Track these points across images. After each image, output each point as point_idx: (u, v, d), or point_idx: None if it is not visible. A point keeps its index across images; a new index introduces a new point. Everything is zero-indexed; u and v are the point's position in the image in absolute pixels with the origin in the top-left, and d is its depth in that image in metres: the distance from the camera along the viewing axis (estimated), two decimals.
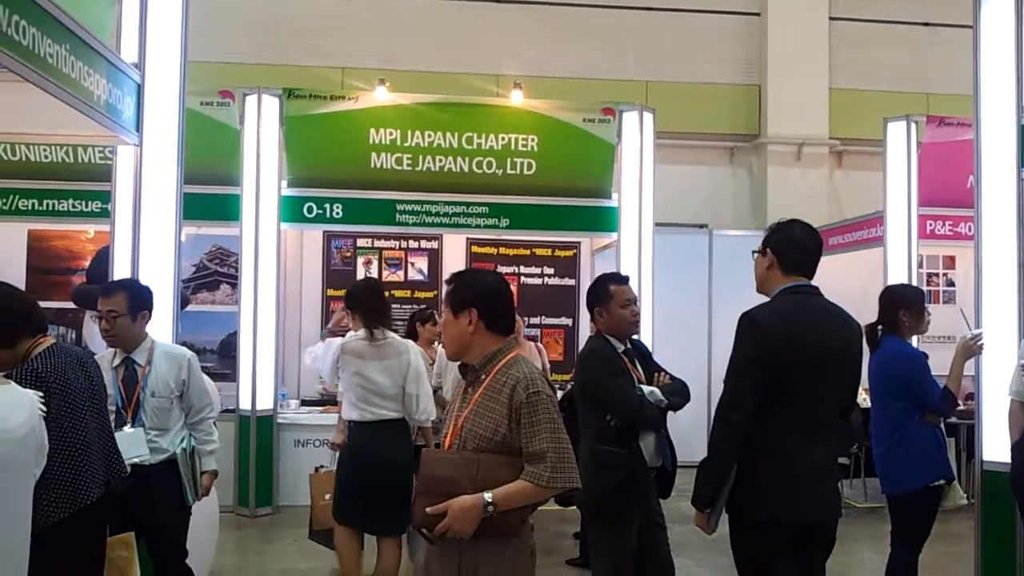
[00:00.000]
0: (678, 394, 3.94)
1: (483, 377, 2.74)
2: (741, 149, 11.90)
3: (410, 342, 5.11)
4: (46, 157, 7.57)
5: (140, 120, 4.21)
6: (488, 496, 2.57)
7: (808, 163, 11.60)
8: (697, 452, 3.88)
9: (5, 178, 7.56)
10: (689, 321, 9.33)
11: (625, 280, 4.08)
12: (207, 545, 5.12)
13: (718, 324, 9.53)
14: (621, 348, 3.96)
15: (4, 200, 7.61)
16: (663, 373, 4.03)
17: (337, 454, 5.01)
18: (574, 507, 6.21)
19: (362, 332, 4.72)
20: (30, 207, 7.65)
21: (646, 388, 3.86)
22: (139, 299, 3.78)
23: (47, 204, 7.64)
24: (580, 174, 8.03)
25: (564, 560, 6.07)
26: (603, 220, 8.03)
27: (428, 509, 2.58)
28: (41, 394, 2.54)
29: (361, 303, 4.79)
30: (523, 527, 2.70)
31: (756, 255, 3.40)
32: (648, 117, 7.93)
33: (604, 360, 3.87)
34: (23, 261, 8.51)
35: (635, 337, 4.17)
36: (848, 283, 7.40)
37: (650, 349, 4.29)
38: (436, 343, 6.51)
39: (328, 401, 8.05)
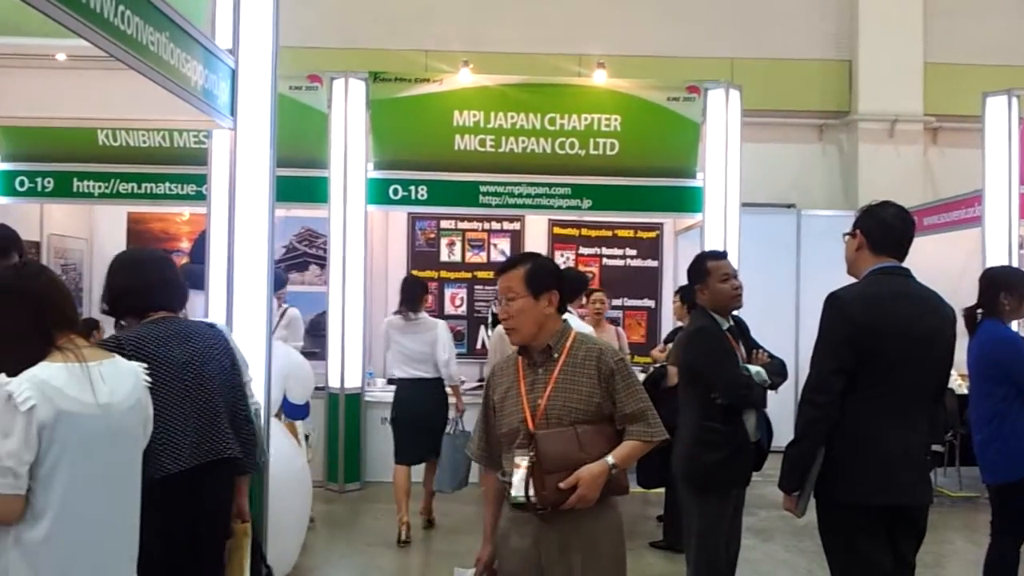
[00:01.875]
0: (779, 374, 4.02)
1: (556, 356, 2.89)
2: (831, 126, 11.58)
3: (438, 320, 6.42)
4: (144, 142, 7.84)
5: (234, 105, 4.32)
6: (611, 459, 2.81)
7: (901, 140, 11.21)
8: (783, 435, 3.85)
9: (107, 163, 7.86)
10: (776, 303, 9.15)
11: (723, 255, 4.11)
12: (300, 519, 5.29)
13: (806, 306, 9.33)
14: (725, 325, 3.99)
15: (106, 184, 7.91)
16: (761, 351, 4.07)
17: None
18: (656, 490, 6.25)
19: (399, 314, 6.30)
20: (130, 190, 7.93)
21: (752, 368, 3.92)
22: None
23: (145, 187, 7.92)
24: (664, 154, 7.93)
25: (647, 543, 6.07)
26: (688, 200, 7.93)
27: (561, 485, 2.76)
28: (146, 366, 2.62)
29: (401, 293, 6.39)
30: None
31: (847, 237, 3.36)
32: (734, 94, 7.78)
33: (712, 339, 3.91)
34: (123, 243, 8.87)
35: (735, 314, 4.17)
36: (944, 265, 7.15)
37: None
38: None
39: None
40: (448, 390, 6.29)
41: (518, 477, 2.82)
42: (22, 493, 2.23)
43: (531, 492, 2.79)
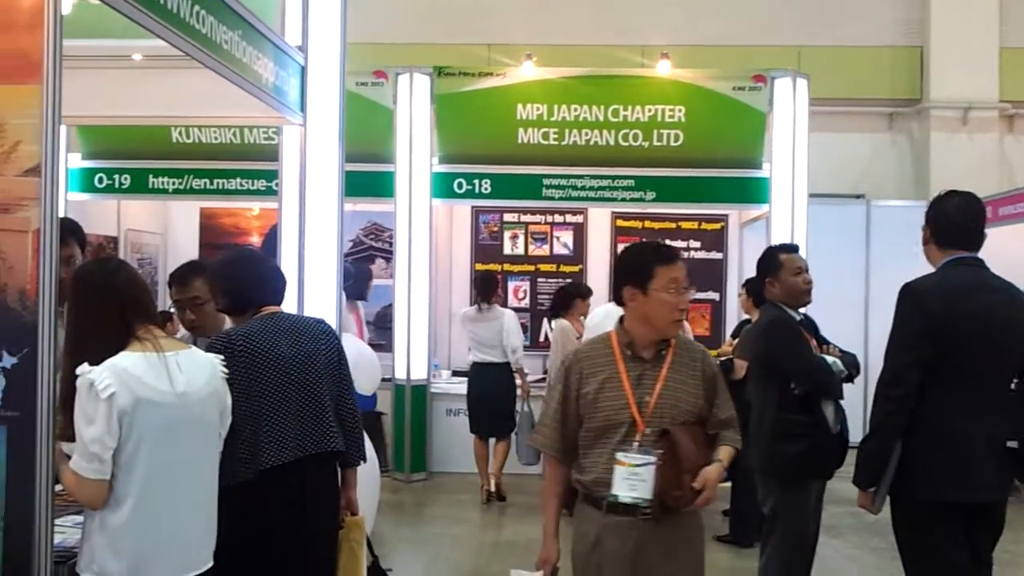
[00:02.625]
0: (853, 367, 3.96)
1: (664, 353, 2.81)
2: (901, 115, 11.29)
3: (506, 310, 7.14)
4: (216, 139, 8.04)
5: (304, 101, 4.41)
6: (725, 461, 2.79)
7: (975, 128, 10.88)
8: (854, 432, 3.82)
9: (181, 159, 8.09)
10: (845, 296, 8.99)
11: (795, 249, 4.10)
12: (368, 508, 5.37)
13: (876, 299, 9.15)
14: (797, 318, 3.97)
15: (180, 180, 8.14)
16: (831, 346, 4.03)
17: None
18: (722, 484, 6.20)
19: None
20: (202, 186, 8.15)
21: (828, 359, 3.88)
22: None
23: (217, 183, 8.12)
24: (729, 144, 7.86)
25: (713, 536, 6.03)
26: (754, 191, 7.84)
27: (694, 485, 2.67)
28: (223, 358, 2.72)
29: (476, 286, 7.32)
30: None
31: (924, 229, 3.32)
32: (802, 83, 7.68)
33: (788, 328, 3.89)
34: (196, 237, 9.13)
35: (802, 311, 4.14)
36: (1020, 256, 6.96)
37: None
38: (583, 318, 6.61)
39: None
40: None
41: (629, 476, 2.68)
42: (106, 478, 2.35)
43: (648, 494, 2.66)
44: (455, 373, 8.42)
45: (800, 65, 9.22)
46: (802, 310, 4.10)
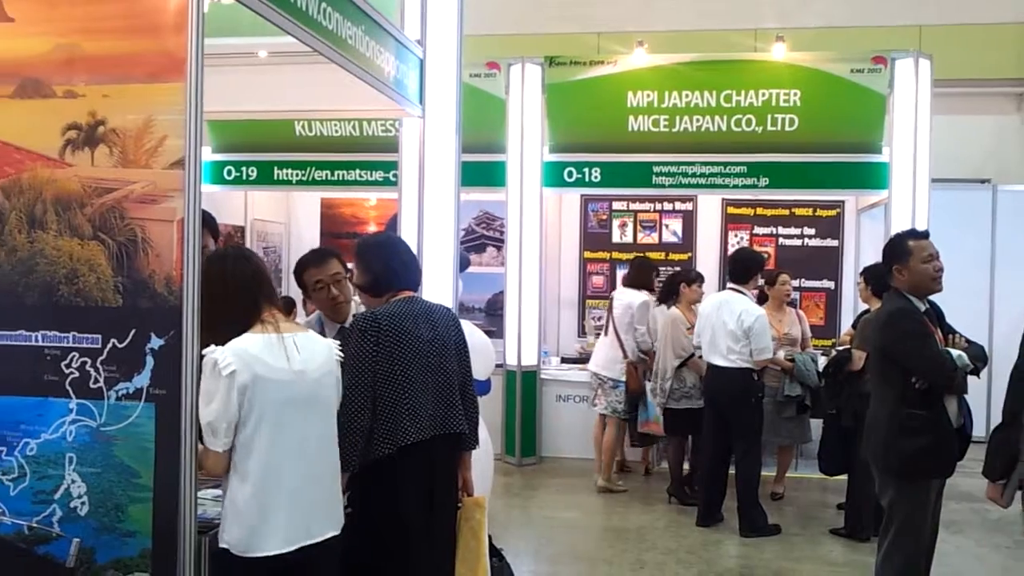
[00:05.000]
0: (979, 359, 3.82)
1: None
2: None
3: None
4: (336, 132, 8.33)
5: (423, 93, 4.55)
6: None
7: None
8: (977, 425, 3.71)
9: (304, 152, 8.42)
10: (969, 284, 8.59)
11: (925, 235, 3.95)
12: (483, 491, 5.50)
13: (1002, 287, 8.77)
14: (922, 308, 3.84)
15: (303, 172, 8.48)
16: (957, 335, 3.88)
17: None
18: (838, 476, 6.10)
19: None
20: (324, 177, 8.47)
21: (953, 352, 3.75)
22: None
23: (338, 174, 8.43)
24: (847, 128, 7.66)
25: (827, 529, 5.93)
26: (872, 176, 7.62)
27: None
28: (338, 342, 2.90)
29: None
30: None
31: None
32: (924, 64, 7.42)
33: (910, 320, 3.77)
34: (317, 227, 9.48)
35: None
36: None
37: None
38: (695, 307, 6.54)
39: (587, 359, 8.30)
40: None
41: None
42: (223, 450, 2.53)
43: None
44: (564, 360, 8.48)
45: (921, 45, 8.88)
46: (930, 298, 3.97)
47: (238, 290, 2.67)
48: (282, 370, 2.60)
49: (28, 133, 2.59)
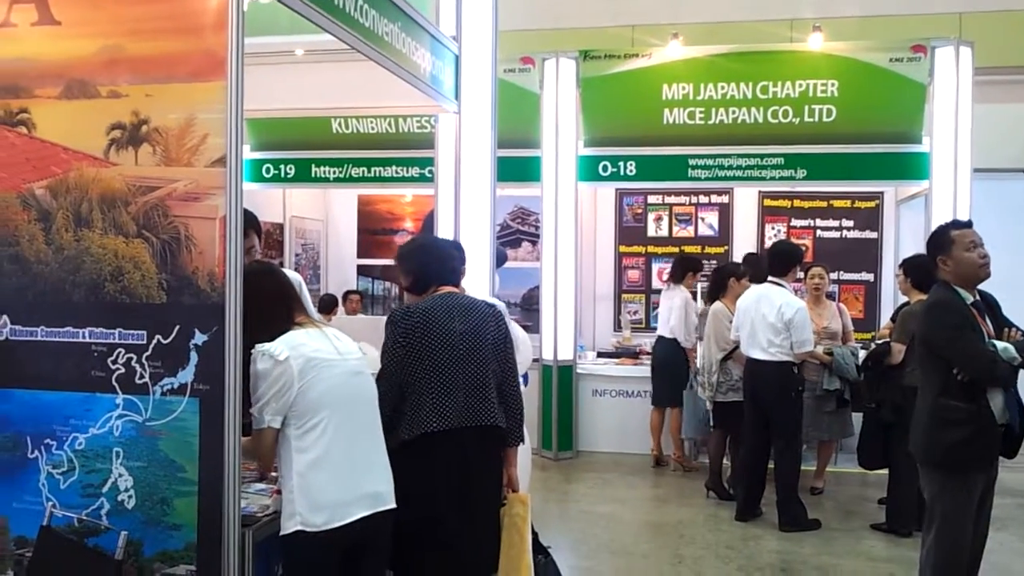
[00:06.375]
0: None
1: None
2: None
3: (680, 292, 7.21)
4: (372, 129, 8.38)
5: (458, 89, 4.56)
6: None
7: None
8: None
9: (340, 149, 8.49)
10: (1013, 276, 8.42)
11: (967, 224, 3.91)
12: (522, 486, 5.51)
13: None
14: (970, 299, 3.77)
15: (340, 169, 8.55)
16: (1014, 328, 3.80)
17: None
18: (878, 471, 6.03)
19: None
20: (360, 174, 8.52)
21: (999, 344, 3.68)
22: None
23: (374, 171, 8.48)
24: (886, 118, 7.56)
25: (868, 524, 5.87)
26: (912, 167, 7.52)
27: None
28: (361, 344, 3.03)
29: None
30: None
31: None
32: (965, 52, 7.31)
33: (952, 311, 3.72)
34: (354, 223, 9.55)
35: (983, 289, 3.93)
36: None
37: None
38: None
39: (623, 353, 8.30)
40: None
41: None
42: (276, 427, 2.64)
43: None
44: (600, 354, 8.47)
45: (962, 32, 8.72)
46: (984, 290, 3.90)
47: (277, 299, 2.80)
48: (329, 351, 2.74)
49: (74, 133, 2.64)
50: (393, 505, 2.85)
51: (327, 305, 7.81)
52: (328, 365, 2.71)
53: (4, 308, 2.68)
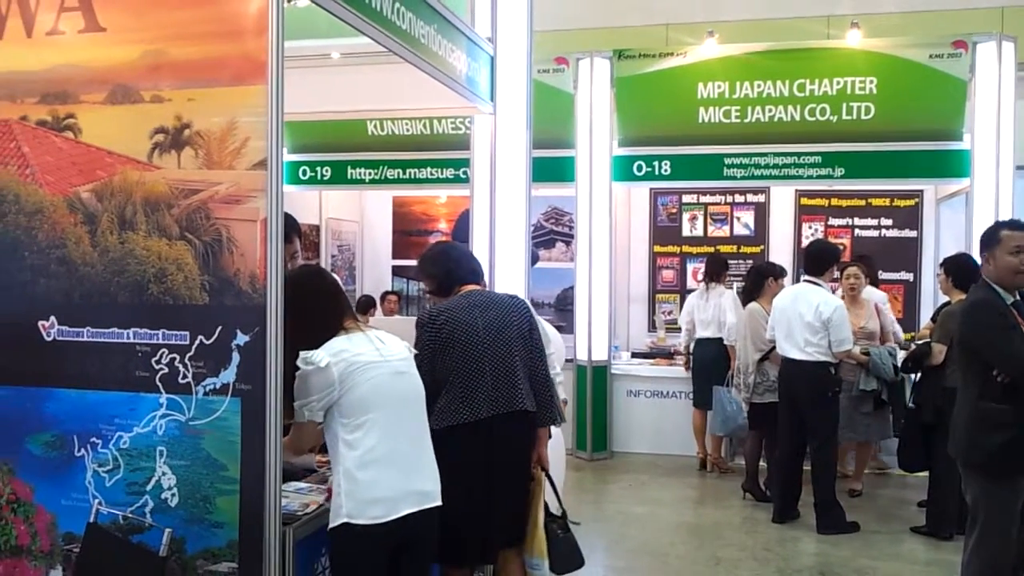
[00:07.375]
0: None
1: None
2: None
3: (727, 290, 7.28)
4: (407, 130, 8.43)
5: (494, 90, 4.58)
6: None
7: None
8: None
9: (376, 151, 8.54)
10: None
11: (1021, 226, 3.80)
12: (557, 481, 5.52)
13: None
14: (1010, 300, 3.71)
15: (375, 171, 8.61)
16: None
17: None
18: (919, 473, 5.95)
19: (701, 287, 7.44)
20: (396, 176, 8.57)
21: None
22: None
23: (409, 173, 8.53)
24: (926, 116, 7.45)
25: (908, 527, 5.79)
26: (953, 165, 7.41)
27: None
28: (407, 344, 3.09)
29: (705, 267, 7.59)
30: None
31: None
32: (1008, 47, 7.17)
33: (992, 311, 3.66)
34: (389, 224, 9.60)
35: None
36: None
37: None
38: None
39: (658, 354, 8.27)
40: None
41: None
42: (318, 420, 2.71)
43: None
44: (634, 355, 8.45)
45: (1004, 28, 8.57)
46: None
47: (327, 303, 2.87)
48: (372, 353, 2.79)
49: (118, 137, 2.69)
50: (439, 503, 2.89)
51: (364, 306, 7.87)
52: (370, 367, 2.76)
53: (52, 309, 2.74)
